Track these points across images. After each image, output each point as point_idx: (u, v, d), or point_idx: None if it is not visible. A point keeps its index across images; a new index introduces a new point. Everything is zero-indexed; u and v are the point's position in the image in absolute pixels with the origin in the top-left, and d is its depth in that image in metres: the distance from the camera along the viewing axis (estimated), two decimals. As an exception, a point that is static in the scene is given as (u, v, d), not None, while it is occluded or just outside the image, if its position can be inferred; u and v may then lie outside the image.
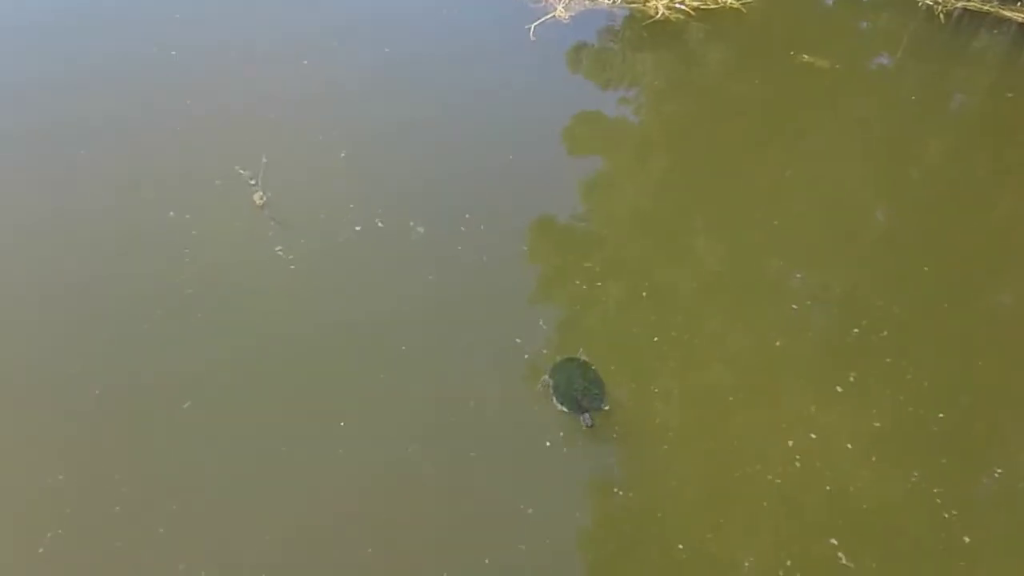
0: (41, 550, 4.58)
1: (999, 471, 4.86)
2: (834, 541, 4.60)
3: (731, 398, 5.27)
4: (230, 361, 5.50)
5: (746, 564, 4.54)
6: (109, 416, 5.19)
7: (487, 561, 4.56)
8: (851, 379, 5.32)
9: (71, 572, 4.52)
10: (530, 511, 4.75)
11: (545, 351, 5.49)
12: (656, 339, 5.55)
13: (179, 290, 5.90)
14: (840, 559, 4.54)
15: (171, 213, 6.42)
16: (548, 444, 5.04)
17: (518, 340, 5.57)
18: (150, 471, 4.91)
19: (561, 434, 5.08)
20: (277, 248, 6.17)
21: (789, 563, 4.53)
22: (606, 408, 5.12)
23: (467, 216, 6.39)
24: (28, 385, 5.32)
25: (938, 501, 4.74)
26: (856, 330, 5.57)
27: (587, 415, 5.03)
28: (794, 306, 5.75)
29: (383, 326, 5.71)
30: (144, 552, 4.57)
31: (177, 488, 4.83)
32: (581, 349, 5.41)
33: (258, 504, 4.80)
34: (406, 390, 5.34)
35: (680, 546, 4.61)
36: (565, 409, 5.10)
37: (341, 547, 4.65)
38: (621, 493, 4.84)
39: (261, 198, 6.51)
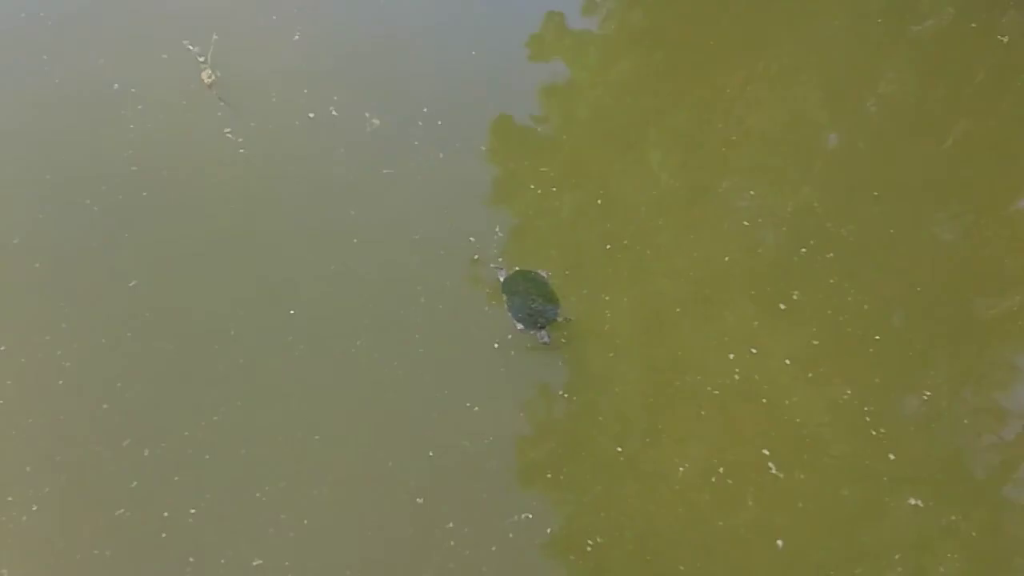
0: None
1: (927, 394, 5.05)
2: (766, 452, 4.77)
3: (678, 309, 5.35)
4: (175, 241, 5.42)
5: (680, 469, 4.69)
6: (50, 285, 5.16)
7: (430, 454, 4.66)
8: (794, 297, 5.42)
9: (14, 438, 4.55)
10: (476, 409, 4.83)
11: (497, 253, 5.48)
12: (608, 247, 5.58)
13: (124, 166, 5.75)
14: (770, 469, 4.71)
15: (116, 85, 6.21)
16: (496, 346, 5.09)
17: (472, 239, 5.55)
18: (96, 344, 4.93)
19: (509, 336, 5.13)
20: (226, 130, 6.01)
21: (721, 470, 4.70)
22: (560, 320, 5.16)
23: (424, 110, 6.27)
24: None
25: (867, 419, 4.92)
26: (803, 250, 5.65)
27: (543, 332, 5.05)
28: (745, 223, 5.79)
29: (335, 217, 5.64)
30: (81, 421, 4.67)
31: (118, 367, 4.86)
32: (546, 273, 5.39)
33: (202, 389, 4.81)
34: (356, 281, 5.34)
35: (619, 448, 4.76)
36: (521, 327, 5.10)
37: (286, 438, 4.70)
38: (565, 396, 4.94)
39: (210, 76, 6.27)
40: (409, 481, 4.59)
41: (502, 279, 5.28)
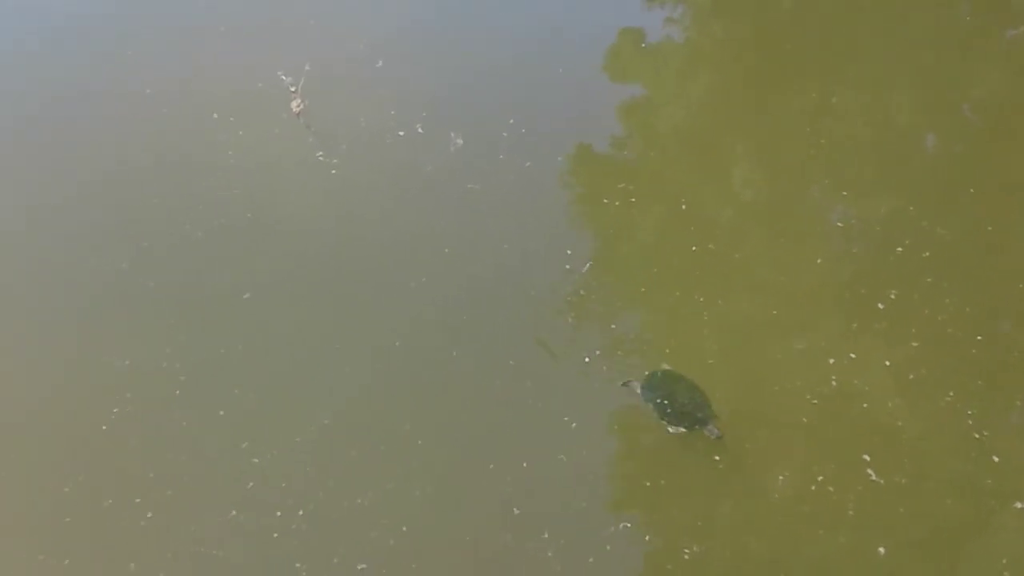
0: (104, 427, 4.88)
1: (1033, 395, 4.93)
2: (866, 457, 4.68)
3: (774, 311, 5.31)
4: (280, 257, 5.68)
5: (780, 478, 4.64)
6: (164, 303, 5.45)
7: (524, 464, 4.72)
8: (892, 297, 5.33)
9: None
10: (573, 425, 4.88)
11: (590, 266, 5.57)
12: (696, 258, 5.59)
13: (226, 190, 6.03)
14: (870, 475, 4.62)
15: (215, 115, 6.50)
16: (587, 360, 5.15)
17: (568, 252, 5.66)
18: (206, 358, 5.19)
19: (597, 352, 5.18)
20: (318, 154, 6.23)
21: (821, 478, 4.62)
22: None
23: (511, 121, 6.41)
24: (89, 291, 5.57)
25: (970, 422, 4.80)
26: (899, 249, 5.56)
27: (710, 426, 4.82)
28: (839, 224, 5.75)
29: (426, 228, 5.83)
30: (204, 430, 4.90)
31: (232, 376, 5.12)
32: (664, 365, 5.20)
33: (311, 396, 5.02)
34: (443, 293, 5.46)
35: (716, 457, 4.73)
36: (683, 429, 4.86)
37: (388, 444, 4.83)
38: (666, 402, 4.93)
39: (298, 105, 6.52)
40: (506, 490, 4.65)
41: (639, 390, 5.06)
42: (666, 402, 4.87)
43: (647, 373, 5.02)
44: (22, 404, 5.05)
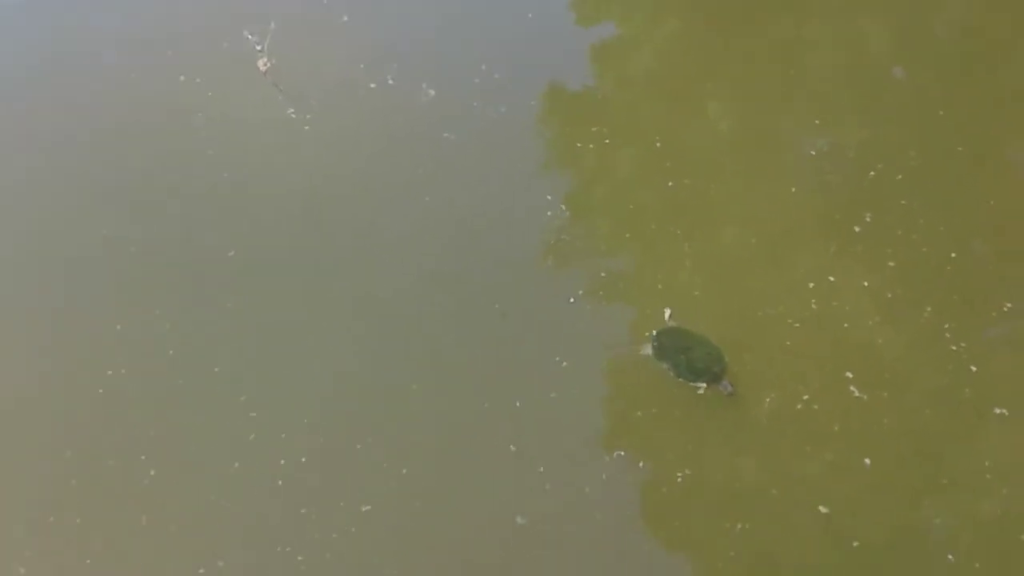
0: (101, 390, 4.93)
1: (1008, 305, 5.07)
2: (849, 375, 4.83)
3: (753, 240, 5.42)
4: (259, 215, 5.70)
5: (767, 401, 4.77)
6: (152, 266, 5.47)
7: (517, 404, 4.83)
8: (867, 220, 5.45)
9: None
10: (564, 364, 4.97)
11: (569, 215, 5.63)
12: (673, 193, 5.68)
13: (201, 151, 6.01)
14: (853, 392, 4.77)
15: (182, 77, 6.43)
16: (572, 300, 5.22)
17: (548, 197, 5.70)
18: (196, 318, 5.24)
19: (580, 292, 5.26)
20: (289, 111, 6.20)
21: (806, 397, 4.77)
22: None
23: (483, 67, 6.41)
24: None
25: (947, 336, 4.95)
26: (872, 173, 5.67)
27: (724, 382, 4.85)
28: (812, 152, 5.85)
29: (403, 179, 5.85)
30: (201, 387, 4.97)
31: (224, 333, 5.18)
32: (668, 312, 5.21)
33: (311, 351, 5.09)
34: (426, 242, 5.51)
35: (703, 386, 4.86)
36: (704, 385, 4.88)
37: (387, 388, 4.95)
38: (653, 333, 5.05)
39: (265, 64, 6.46)
40: (501, 429, 4.76)
41: (651, 352, 5.04)
42: (683, 359, 4.89)
43: (654, 333, 5.04)
44: (16, 373, 5.08)
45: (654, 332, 5.05)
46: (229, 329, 5.19)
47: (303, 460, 4.65)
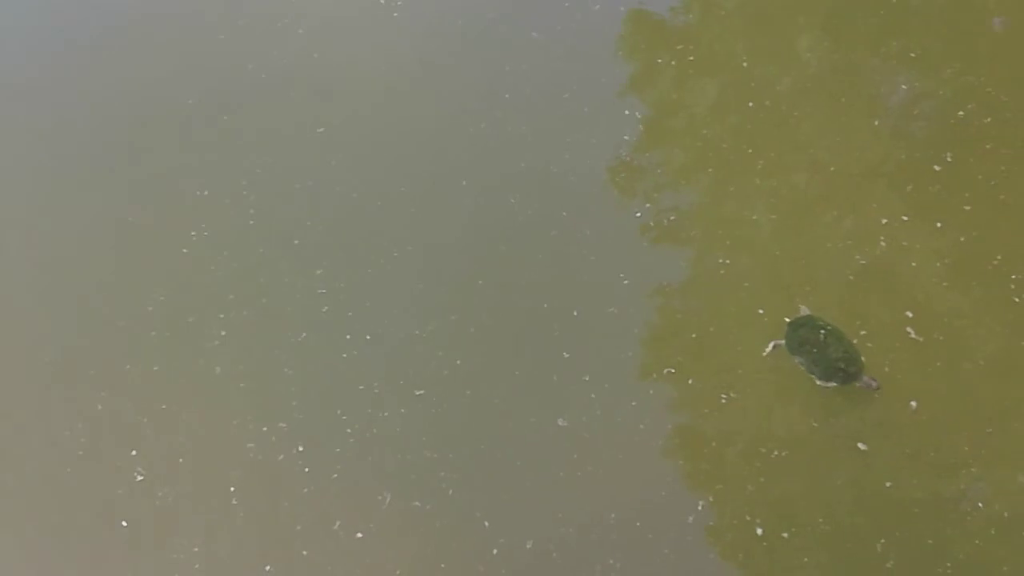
0: (185, 250, 5.26)
1: (1080, 260, 5.00)
2: (909, 314, 4.83)
3: (832, 168, 5.38)
4: (348, 98, 5.88)
5: (822, 333, 4.72)
6: (238, 143, 5.70)
7: (575, 313, 4.97)
8: (948, 159, 5.36)
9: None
10: (625, 281, 5.07)
11: (645, 132, 5.64)
12: (753, 113, 5.63)
13: (292, 34, 6.18)
14: (909, 333, 4.78)
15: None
16: (638, 215, 5.30)
17: (626, 112, 5.72)
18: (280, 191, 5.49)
19: (647, 206, 5.33)
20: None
21: (863, 332, 4.79)
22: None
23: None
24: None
25: (1012, 287, 4.90)
26: (961, 113, 5.55)
27: (865, 379, 4.67)
28: (903, 86, 5.72)
29: (487, 74, 5.94)
30: (279, 257, 5.25)
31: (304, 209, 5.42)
32: (802, 306, 5.04)
33: (380, 230, 5.31)
34: (503, 139, 5.63)
35: (760, 311, 4.90)
36: (834, 384, 4.71)
37: (446, 274, 5.15)
38: (722, 261, 5.10)
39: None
40: (555, 334, 4.92)
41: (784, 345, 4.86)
42: (816, 354, 4.67)
43: (788, 321, 4.87)
44: (104, 223, 5.43)
45: (787, 319, 4.88)
46: (310, 205, 5.41)
47: (367, 338, 4.90)
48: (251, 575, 4.43)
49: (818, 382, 4.67)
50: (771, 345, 4.81)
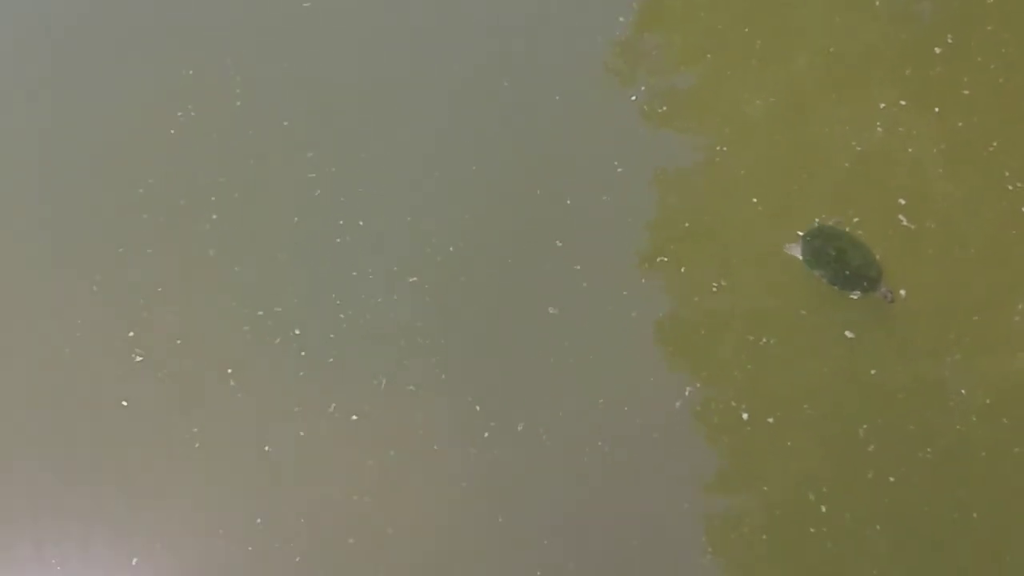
0: (173, 131, 5.18)
1: (1076, 149, 4.96)
2: (902, 201, 4.82)
3: (831, 48, 5.26)
4: None
5: (816, 220, 4.78)
6: (222, 20, 5.55)
7: (568, 202, 4.95)
8: (949, 41, 5.23)
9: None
10: (620, 169, 5.00)
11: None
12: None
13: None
14: (901, 220, 4.78)
15: None
16: (633, 98, 5.19)
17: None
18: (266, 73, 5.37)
19: (643, 89, 5.22)
20: None
21: (856, 219, 4.78)
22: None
23: None
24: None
25: (1007, 173, 4.85)
26: (964, -7, 5.44)
27: (883, 288, 4.60)
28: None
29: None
30: (269, 139, 5.18)
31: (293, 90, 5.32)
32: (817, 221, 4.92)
33: (363, 116, 5.22)
34: (496, 28, 5.47)
35: (754, 200, 4.89)
36: (859, 293, 4.64)
37: (438, 161, 5.09)
38: (719, 149, 5.03)
39: None
40: (548, 223, 4.92)
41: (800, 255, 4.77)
42: (836, 262, 4.62)
43: (804, 234, 4.76)
44: (89, 108, 5.33)
45: (801, 233, 4.78)
46: (298, 87, 5.30)
47: (360, 224, 4.90)
48: (251, 455, 4.56)
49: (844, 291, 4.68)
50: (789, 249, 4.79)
